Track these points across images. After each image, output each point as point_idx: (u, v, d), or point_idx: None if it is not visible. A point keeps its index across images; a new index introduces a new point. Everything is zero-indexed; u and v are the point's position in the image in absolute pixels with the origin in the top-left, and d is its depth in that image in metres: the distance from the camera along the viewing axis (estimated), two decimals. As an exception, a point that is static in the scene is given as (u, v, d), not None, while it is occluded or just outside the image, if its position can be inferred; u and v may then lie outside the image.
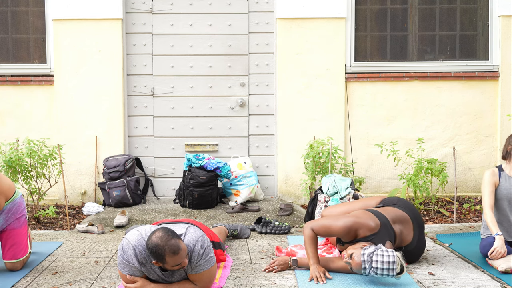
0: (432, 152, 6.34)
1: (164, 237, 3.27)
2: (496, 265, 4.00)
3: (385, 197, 4.45)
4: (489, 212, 4.14)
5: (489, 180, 4.23)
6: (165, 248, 3.25)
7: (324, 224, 3.97)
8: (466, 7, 6.46)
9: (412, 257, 4.16)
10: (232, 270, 4.08)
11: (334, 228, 3.93)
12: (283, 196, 6.36)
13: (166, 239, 3.27)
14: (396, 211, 4.14)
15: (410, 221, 4.13)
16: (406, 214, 4.14)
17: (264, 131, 6.47)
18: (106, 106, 6.25)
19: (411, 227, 4.11)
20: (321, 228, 3.96)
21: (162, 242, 3.26)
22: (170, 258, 3.27)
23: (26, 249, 4.11)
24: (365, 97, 6.36)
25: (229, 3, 6.40)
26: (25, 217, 4.15)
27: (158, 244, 3.26)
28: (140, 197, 6.16)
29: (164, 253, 3.26)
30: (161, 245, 3.25)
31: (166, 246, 3.25)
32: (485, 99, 6.39)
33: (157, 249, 3.26)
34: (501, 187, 4.23)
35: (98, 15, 6.19)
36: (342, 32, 6.26)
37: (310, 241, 3.94)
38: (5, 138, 6.12)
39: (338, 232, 3.93)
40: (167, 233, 3.30)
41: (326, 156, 5.79)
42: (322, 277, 3.76)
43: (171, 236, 3.29)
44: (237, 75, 6.43)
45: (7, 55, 6.38)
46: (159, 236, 3.29)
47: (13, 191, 4.08)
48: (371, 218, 3.95)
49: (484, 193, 4.23)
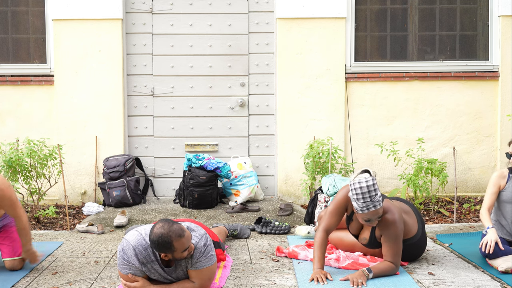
0: (432, 152, 6.34)
1: (165, 225, 3.30)
2: (496, 265, 4.00)
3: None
4: (485, 212, 4.17)
5: (494, 182, 4.21)
6: (170, 234, 3.26)
7: (328, 211, 4.02)
8: (466, 7, 6.46)
9: (417, 250, 4.19)
10: (232, 270, 4.08)
11: (337, 204, 4.01)
12: (283, 196, 6.36)
13: (168, 226, 3.29)
14: (400, 203, 4.22)
15: (413, 213, 4.20)
16: (409, 207, 4.23)
17: (264, 131, 6.47)
18: (106, 106, 6.25)
19: (415, 219, 4.17)
20: (329, 217, 4.00)
21: (165, 230, 3.28)
22: (178, 242, 3.28)
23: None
24: (365, 97, 6.36)
25: (229, 3, 6.40)
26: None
27: (162, 233, 3.27)
28: (140, 197, 6.16)
29: (171, 239, 3.27)
30: (165, 233, 3.27)
31: (170, 231, 3.27)
32: (485, 99, 6.39)
33: (162, 239, 3.27)
34: (507, 190, 4.19)
35: (98, 15, 6.19)
36: (342, 32, 6.26)
37: (319, 245, 3.91)
38: (5, 138, 6.12)
39: (342, 203, 4.01)
40: (166, 222, 3.33)
41: (326, 156, 5.79)
42: (323, 279, 3.76)
43: (172, 223, 3.32)
44: (237, 75, 6.43)
45: (7, 55, 6.38)
46: (160, 226, 3.31)
47: (8, 189, 4.03)
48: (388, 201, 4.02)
49: (486, 192, 4.24)
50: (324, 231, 3.95)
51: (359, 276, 3.76)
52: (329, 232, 3.99)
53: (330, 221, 3.99)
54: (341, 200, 4.01)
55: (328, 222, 3.99)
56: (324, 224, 3.98)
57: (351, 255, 4.23)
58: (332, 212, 4.01)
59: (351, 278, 3.75)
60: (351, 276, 3.77)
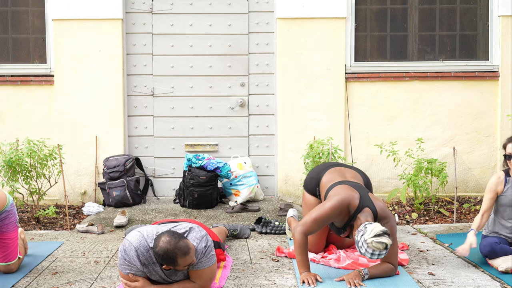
0: (432, 152, 6.34)
1: (172, 241, 3.28)
2: (496, 265, 4.01)
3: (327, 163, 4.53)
4: (479, 216, 4.23)
5: (491, 188, 4.22)
6: (176, 251, 3.27)
7: (313, 217, 3.81)
8: (466, 7, 6.46)
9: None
10: (232, 270, 4.08)
11: (324, 215, 3.80)
12: (283, 196, 6.36)
13: (174, 242, 3.28)
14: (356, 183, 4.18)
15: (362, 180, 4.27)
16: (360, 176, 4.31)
17: (264, 131, 6.47)
18: (106, 106, 6.25)
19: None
20: (312, 224, 3.81)
21: (171, 246, 3.27)
22: (182, 259, 3.30)
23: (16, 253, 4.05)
24: (365, 97, 6.36)
25: (229, 3, 6.40)
26: (15, 221, 4.10)
27: (167, 249, 3.27)
28: (140, 197, 6.16)
29: (176, 256, 3.28)
30: (171, 249, 3.27)
31: (176, 249, 3.27)
32: (485, 99, 6.39)
33: (167, 254, 3.28)
34: (507, 194, 4.19)
35: (98, 15, 6.19)
36: (342, 32, 6.26)
37: (302, 248, 3.79)
38: (5, 138, 6.12)
39: (330, 215, 3.80)
40: (173, 236, 3.31)
41: (326, 156, 5.79)
42: (313, 281, 3.73)
43: (178, 238, 3.31)
44: (237, 75, 6.43)
45: (7, 55, 6.38)
46: (167, 240, 3.29)
47: (3, 204, 3.98)
48: (349, 188, 3.92)
49: (484, 197, 4.27)
50: (304, 235, 3.81)
51: (355, 277, 3.74)
52: (308, 236, 3.87)
53: (312, 229, 3.83)
54: (330, 212, 3.81)
55: (310, 228, 3.82)
56: (306, 228, 3.82)
57: (351, 255, 4.23)
58: (317, 221, 3.82)
59: (346, 279, 3.73)
60: (346, 277, 3.75)
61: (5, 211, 4.00)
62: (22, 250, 4.21)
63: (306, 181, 4.41)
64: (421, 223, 5.50)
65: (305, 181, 4.44)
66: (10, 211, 4.04)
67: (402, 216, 5.71)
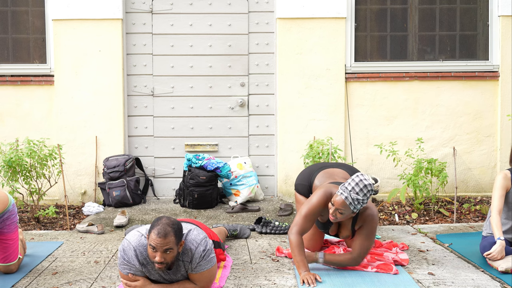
0: (432, 152, 6.34)
1: (168, 221, 3.34)
2: (496, 265, 4.01)
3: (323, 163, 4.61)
4: (496, 216, 4.09)
5: (501, 184, 4.17)
6: (159, 225, 3.30)
7: (303, 214, 3.90)
8: (466, 7, 6.46)
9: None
10: (232, 270, 4.09)
11: (313, 209, 3.90)
12: (283, 196, 6.36)
13: (168, 222, 3.32)
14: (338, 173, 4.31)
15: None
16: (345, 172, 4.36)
17: (264, 131, 6.47)
18: (106, 106, 6.25)
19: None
20: (304, 221, 3.89)
21: (162, 220, 3.33)
22: (154, 235, 3.29)
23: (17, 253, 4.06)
24: (365, 97, 6.36)
25: (229, 3, 6.40)
26: (16, 222, 4.10)
27: (159, 219, 3.34)
28: (140, 197, 6.16)
29: (153, 227, 3.31)
30: (159, 222, 3.32)
31: (161, 224, 3.30)
32: (485, 99, 6.39)
33: (155, 221, 3.34)
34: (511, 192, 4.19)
35: (98, 15, 6.19)
36: (342, 32, 6.26)
37: (298, 248, 3.84)
38: (5, 138, 6.12)
39: (318, 208, 3.90)
40: (172, 222, 3.34)
41: (326, 156, 5.79)
42: (313, 280, 3.74)
43: (171, 225, 3.32)
44: (237, 75, 6.43)
45: (7, 55, 6.38)
46: (167, 217, 3.37)
47: (6, 204, 3.98)
48: (333, 185, 4.01)
49: (494, 196, 4.17)
50: (299, 235, 3.87)
51: (309, 258, 3.92)
52: (303, 235, 3.92)
53: (304, 226, 3.90)
54: (317, 204, 3.92)
55: (302, 226, 3.89)
56: (299, 228, 3.88)
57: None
58: (307, 217, 3.90)
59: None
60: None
61: (7, 211, 4.00)
62: (21, 251, 4.22)
63: (298, 186, 4.49)
64: (421, 223, 5.50)
65: (296, 185, 4.50)
66: (12, 212, 4.05)
67: (402, 216, 5.71)
